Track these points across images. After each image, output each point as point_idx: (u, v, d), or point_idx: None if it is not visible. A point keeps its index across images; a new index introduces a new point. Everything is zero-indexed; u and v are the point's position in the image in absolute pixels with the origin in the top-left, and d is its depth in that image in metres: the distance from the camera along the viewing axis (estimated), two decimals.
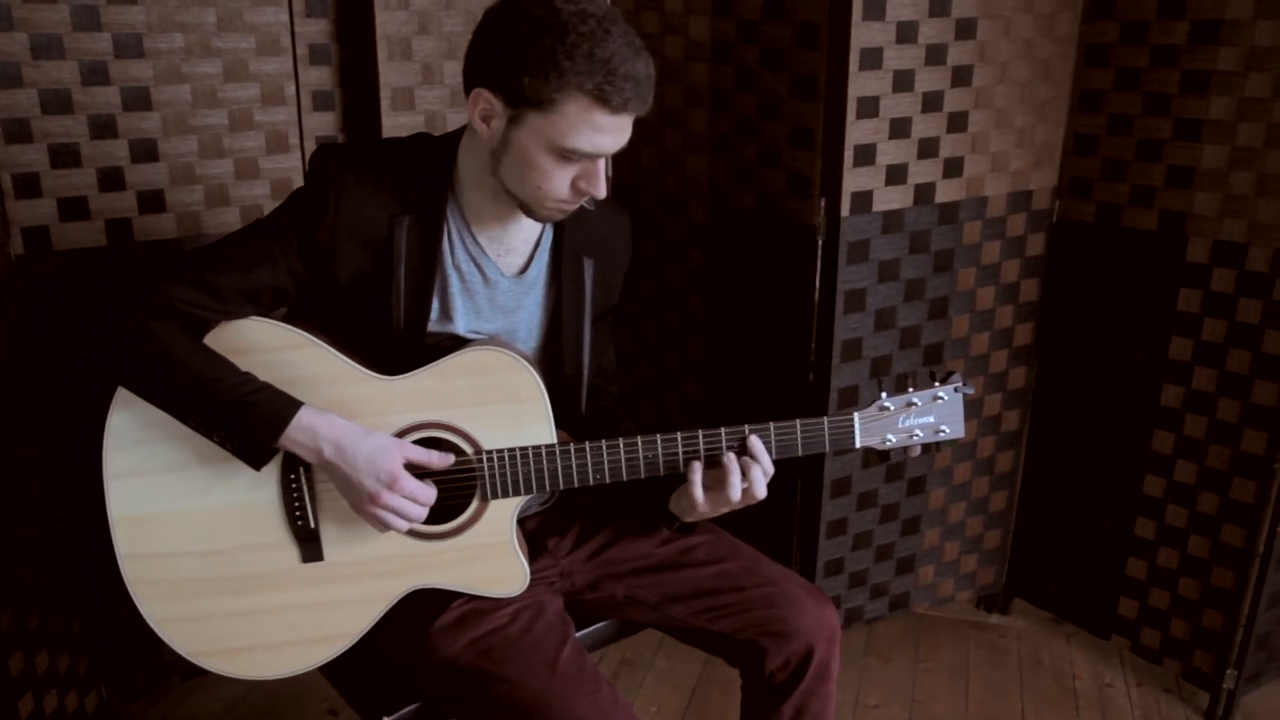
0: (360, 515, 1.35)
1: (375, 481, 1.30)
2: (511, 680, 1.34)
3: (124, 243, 1.88)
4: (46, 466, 1.88)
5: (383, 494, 1.30)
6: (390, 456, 1.31)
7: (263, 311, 1.36)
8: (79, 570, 1.94)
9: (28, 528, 1.83)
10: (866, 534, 2.35)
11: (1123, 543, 2.32)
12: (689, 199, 2.33)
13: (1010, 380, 2.38)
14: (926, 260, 2.15)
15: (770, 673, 1.51)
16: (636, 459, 1.41)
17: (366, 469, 1.30)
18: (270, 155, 1.99)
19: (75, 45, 1.75)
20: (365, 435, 1.32)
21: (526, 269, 1.50)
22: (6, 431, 1.79)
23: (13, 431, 1.80)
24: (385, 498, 1.30)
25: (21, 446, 1.83)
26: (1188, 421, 2.15)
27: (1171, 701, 2.30)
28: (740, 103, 2.15)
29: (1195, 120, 2.02)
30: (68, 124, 1.78)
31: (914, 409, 1.48)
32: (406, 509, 1.32)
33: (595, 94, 1.24)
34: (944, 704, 2.29)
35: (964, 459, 2.39)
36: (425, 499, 1.33)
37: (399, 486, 1.31)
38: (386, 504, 1.31)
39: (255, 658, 1.40)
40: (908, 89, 2.00)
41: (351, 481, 1.31)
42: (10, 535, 1.79)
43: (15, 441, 1.81)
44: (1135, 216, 2.14)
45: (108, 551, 1.36)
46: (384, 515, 1.32)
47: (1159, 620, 2.30)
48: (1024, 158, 2.19)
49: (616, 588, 1.56)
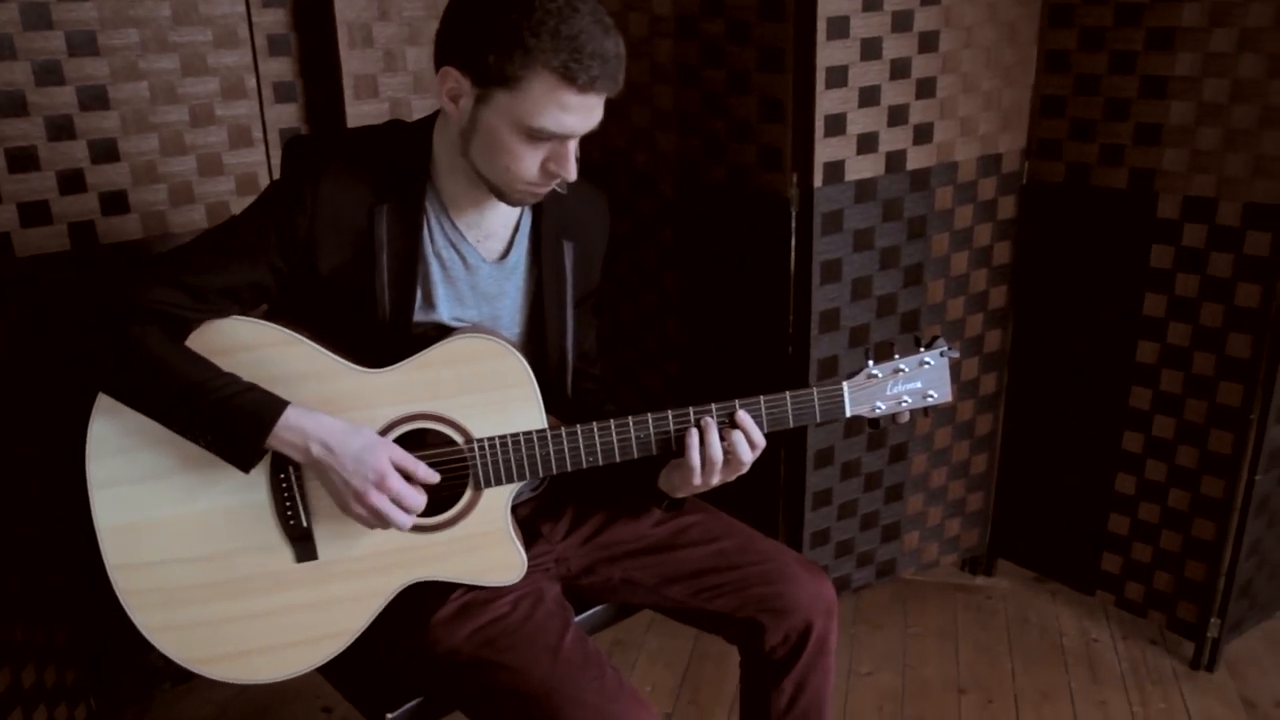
0: (347, 514, 1.33)
1: (363, 480, 1.28)
2: (516, 669, 1.33)
3: (88, 246, 1.83)
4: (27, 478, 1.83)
5: (370, 492, 1.28)
6: (378, 455, 1.29)
7: (244, 309, 1.33)
8: (64, 581, 1.91)
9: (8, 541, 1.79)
10: (851, 503, 2.36)
11: (1103, 499, 2.35)
12: (659, 176, 2.32)
13: (986, 343, 2.39)
14: (900, 228, 2.16)
15: (770, 649, 1.52)
16: (629, 439, 1.40)
17: (355, 467, 1.28)
18: (234, 150, 1.95)
19: (27, 45, 1.70)
20: (354, 433, 1.30)
21: (507, 254, 1.48)
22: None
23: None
24: (373, 496, 1.29)
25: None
26: (1164, 377, 2.17)
27: (1157, 653, 2.34)
28: (707, 77, 2.13)
29: (1161, 77, 2.03)
30: (23, 126, 1.73)
31: (901, 375, 1.48)
32: (391, 513, 1.30)
33: (561, 72, 1.22)
34: (935, 667, 2.32)
35: (944, 423, 2.41)
36: (411, 503, 1.31)
37: (387, 485, 1.29)
38: (373, 503, 1.29)
39: (254, 661, 1.38)
40: (876, 57, 2.00)
41: (339, 480, 1.29)
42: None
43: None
44: (1105, 175, 2.16)
45: (94, 561, 1.33)
46: (368, 515, 1.30)
47: (1142, 574, 2.33)
48: (992, 121, 2.19)
49: (613, 571, 1.56)
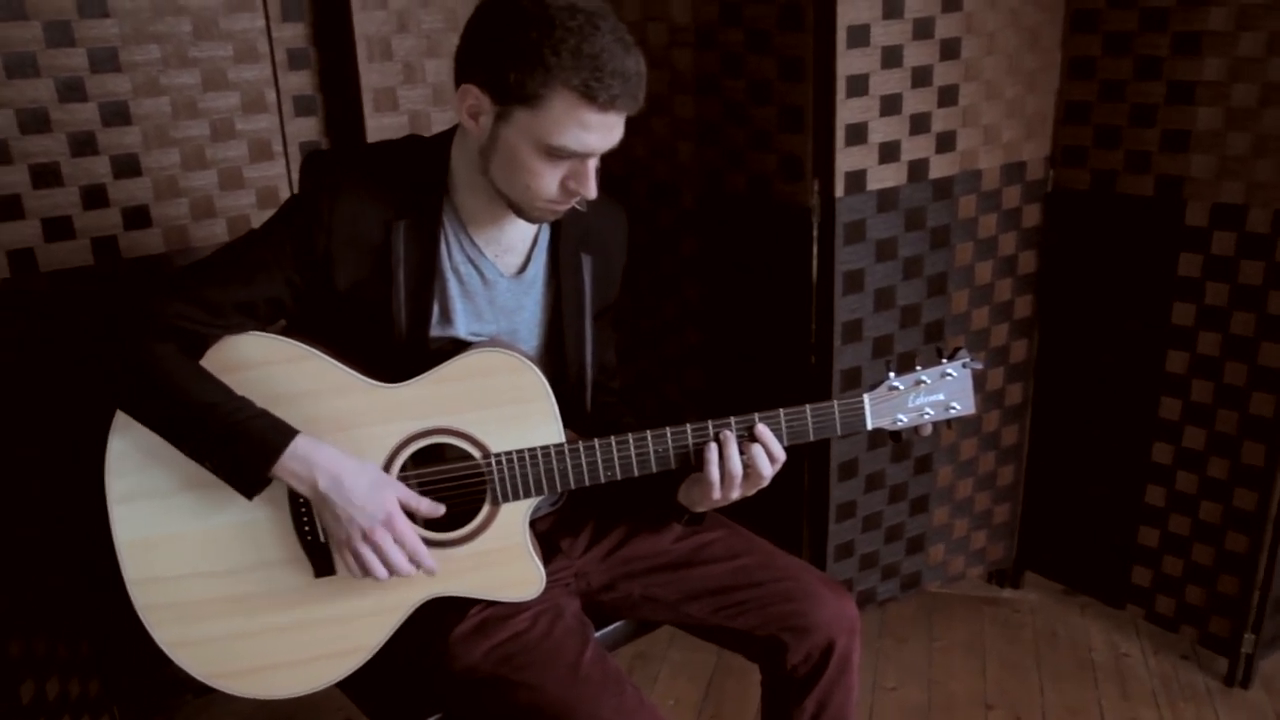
0: (341, 553, 1.32)
1: (369, 518, 1.28)
2: (535, 686, 1.32)
3: (111, 260, 1.84)
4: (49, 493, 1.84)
5: (376, 530, 1.28)
6: (386, 494, 1.29)
7: (261, 325, 1.33)
8: (87, 594, 1.91)
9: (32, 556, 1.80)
10: (876, 515, 2.33)
11: (1133, 511, 2.31)
12: (680, 186, 2.31)
13: (1012, 353, 2.36)
14: (923, 237, 2.13)
15: (792, 667, 1.50)
16: (647, 453, 1.39)
17: (362, 503, 1.28)
18: (254, 164, 1.95)
19: (50, 62, 1.71)
20: (362, 470, 1.29)
21: (525, 268, 1.47)
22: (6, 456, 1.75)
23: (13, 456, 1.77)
24: (378, 535, 1.28)
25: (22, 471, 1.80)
26: (1194, 387, 2.13)
27: (1189, 668, 2.30)
28: (727, 87, 2.12)
29: (1189, 82, 2.00)
30: (47, 143, 1.74)
31: (923, 387, 1.46)
32: (392, 555, 1.30)
33: (582, 90, 1.21)
34: (961, 682, 2.28)
35: (969, 435, 2.38)
36: (412, 549, 1.31)
37: (393, 525, 1.29)
38: (377, 542, 1.29)
39: (272, 677, 1.38)
40: (897, 65, 1.98)
41: (344, 515, 1.28)
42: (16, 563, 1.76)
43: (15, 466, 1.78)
44: (1131, 183, 2.13)
45: (115, 575, 1.33)
46: (368, 555, 1.29)
47: (1173, 587, 2.29)
48: (1016, 128, 2.17)
49: (633, 587, 1.54)
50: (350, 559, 1.31)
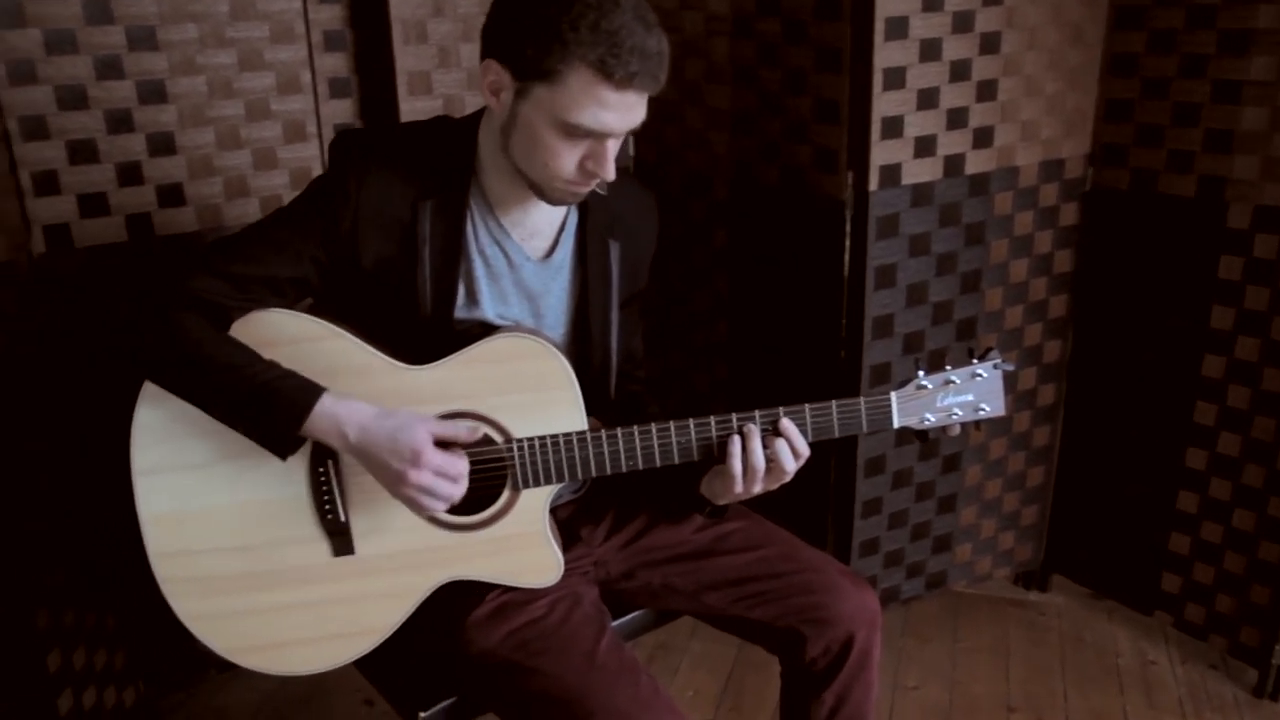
0: (397, 499, 1.31)
1: (400, 460, 1.25)
2: (549, 673, 1.32)
3: (145, 237, 1.86)
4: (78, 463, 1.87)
5: (409, 472, 1.25)
6: (413, 432, 1.26)
7: (286, 302, 1.33)
8: (113, 567, 1.94)
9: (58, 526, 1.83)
10: (902, 513, 2.31)
11: (1164, 517, 2.28)
12: (712, 177, 2.30)
13: (1045, 353, 2.33)
14: (958, 233, 2.11)
15: (810, 660, 1.48)
16: (670, 444, 1.38)
17: (390, 448, 1.26)
18: (288, 144, 1.97)
19: (88, 40, 1.73)
20: (388, 415, 1.28)
21: (552, 252, 1.47)
22: (39, 429, 1.78)
23: (45, 429, 1.79)
24: (413, 475, 1.25)
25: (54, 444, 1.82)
26: (1231, 392, 2.10)
27: (1218, 678, 2.26)
28: (763, 77, 2.11)
29: (1234, 82, 1.96)
30: (84, 119, 1.76)
31: (952, 387, 1.44)
32: (437, 486, 1.27)
33: (598, 67, 1.20)
34: (984, 684, 2.26)
35: (999, 434, 2.35)
36: (455, 472, 1.28)
37: (424, 461, 1.25)
38: (416, 482, 1.25)
39: (288, 653, 1.39)
40: (935, 58, 1.95)
41: (379, 463, 1.27)
42: (44, 534, 1.78)
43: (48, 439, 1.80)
44: (1172, 183, 2.09)
45: (141, 549, 1.35)
46: (415, 495, 1.27)
47: (1203, 595, 2.26)
48: (1055, 125, 2.13)
49: (652, 576, 1.54)
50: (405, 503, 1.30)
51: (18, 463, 1.72)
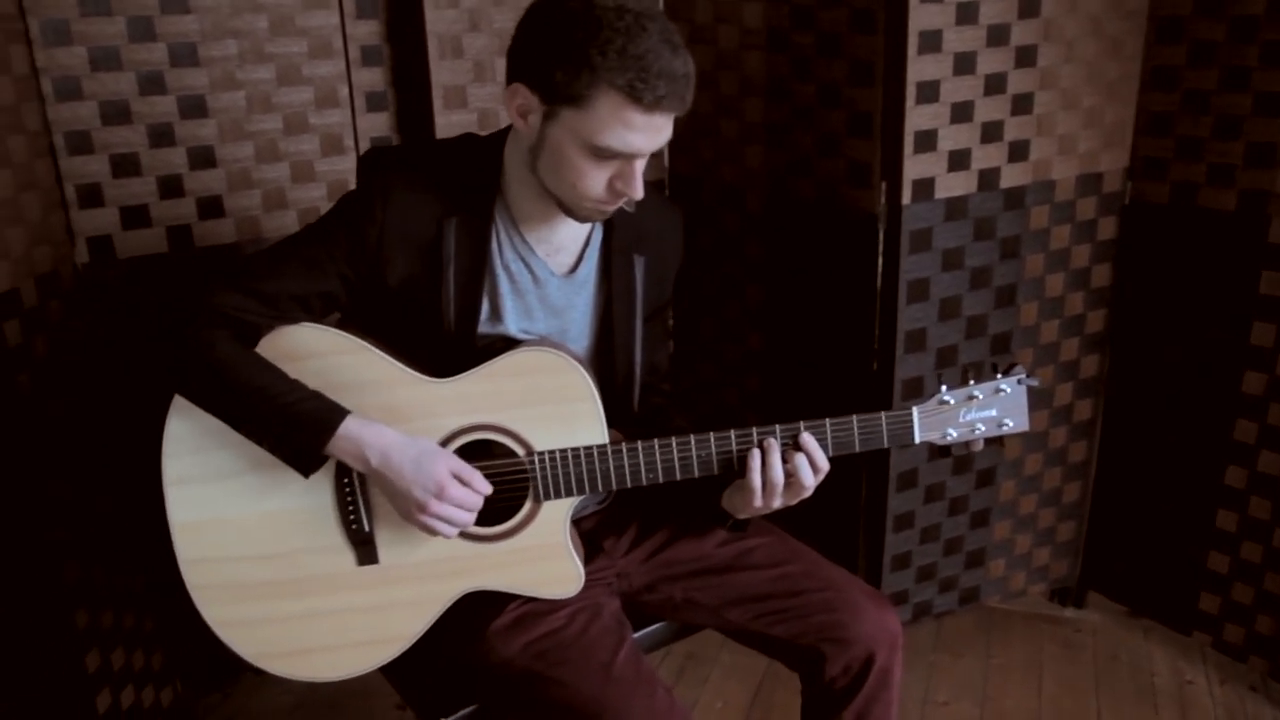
0: (409, 523, 1.35)
1: (423, 491, 1.30)
2: (567, 683, 1.34)
3: (185, 249, 1.91)
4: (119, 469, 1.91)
5: (431, 503, 1.30)
6: (436, 465, 1.31)
7: (314, 317, 1.36)
8: (150, 569, 1.98)
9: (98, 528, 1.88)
10: (934, 527, 2.30)
11: (1203, 535, 2.24)
12: (746, 190, 2.30)
13: (1082, 369, 2.30)
14: (992, 247, 2.09)
15: (830, 679, 1.48)
16: (690, 457, 1.39)
17: (414, 478, 1.30)
18: (326, 158, 2.00)
19: (132, 56, 1.78)
20: (411, 444, 1.31)
21: (576, 268, 1.48)
22: (80, 436, 1.83)
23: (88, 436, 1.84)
24: (434, 507, 1.30)
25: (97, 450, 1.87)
26: (1272, 410, 2.06)
27: (1258, 700, 2.22)
28: (797, 91, 2.11)
29: (1277, 94, 1.92)
30: (127, 134, 1.81)
31: (975, 402, 1.43)
32: (455, 516, 1.32)
33: (627, 91, 1.21)
34: (1016, 701, 2.24)
35: (1035, 450, 2.33)
36: (472, 505, 1.33)
37: (447, 495, 1.31)
38: (436, 513, 1.31)
39: (313, 660, 1.42)
40: (969, 71, 1.94)
41: (399, 490, 1.31)
42: (84, 538, 1.83)
43: (88, 443, 1.85)
44: (1213, 197, 2.05)
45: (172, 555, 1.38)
46: (433, 523, 1.32)
47: (1243, 616, 2.21)
48: (1093, 139, 2.11)
49: (674, 590, 1.55)
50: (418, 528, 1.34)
51: (61, 468, 1.77)
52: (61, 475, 1.78)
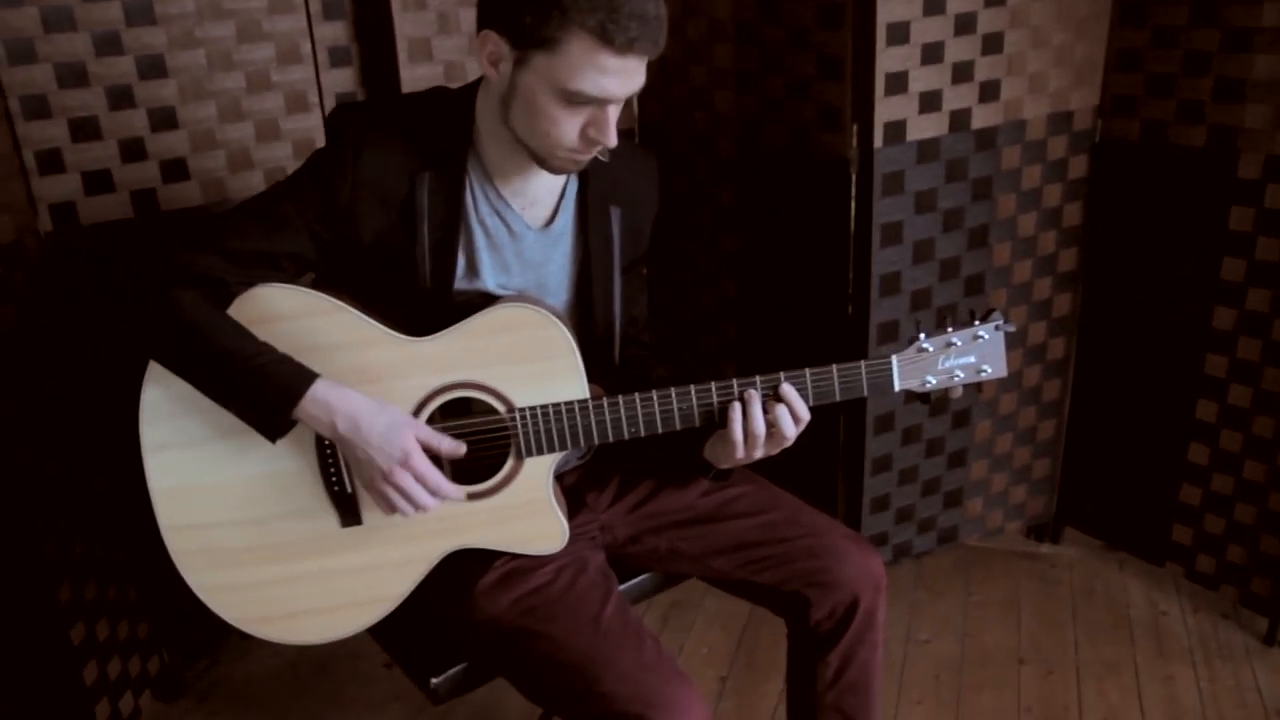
0: (370, 493, 1.34)
1: (388, 457, 1.29)
2: (556, 638, 1.34)
3: (151, 213, 1.87)
4: (92, 438, 1.89)
5: (395, 470, 1.29)
6: (404, 434, 1.29)
7: (286, 277, 1.34)
8: (132, 539, 1.97)
9: (78, 500, 1.86)
10: (912, 469, 2.32)
11: (1175, 468, 2.27)
12: (717, 136, 2.28)
13: (1055, 307, 2.32)
14: (964, 189, 2.09)
15: (816, 623, 1.50)
16: (671, 410, 1.39)
17: (380, 444, 1.29)
18: (290, 115, 1.97)
19: (86, 16, 1.73)
20: (380, 410, 1.30)
21: (552, 221, 1.47)
22: (54, 407, 1.80)
23: (58, 405, 1.82)
24: (397, 475, 1.29)
25: (69, 420, 1.85)
26: (1241, 344, 2.08)
27: (1229, 627, 2.27)
28: (766, 35, 2.08)
29: (1246, 29, 1.92)
30: (85, 97, 1.76)
31: (954, 349, 1.43)
32: (414, 491, 1.30)
33: (598, 32, 1.19)
34: (996, 636, 2.28)
35: (1010, 389, 2.35)
36: (434, 484, 1.31)
37: (411, 464, 1.29)
38: (397, 481, 1.29)
39: (300, 623, 1.41)
40: (939, 11, 1.93)
41: (364, 457, 1.30)
42: (63, 509, 1.81)
43: (60, 415, 1.82)
44: (1182, 133, 2.06)
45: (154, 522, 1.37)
46: (391, 494, 1.31)
47: (1214, 546, 2.26)
48: (1063, 77, 2.10)
49: (658, 541, 1.55)
50: (377, 498, 1.33)
51: (34, 440, 1.75)
52: (34, 447, 1.76)
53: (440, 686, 1.44)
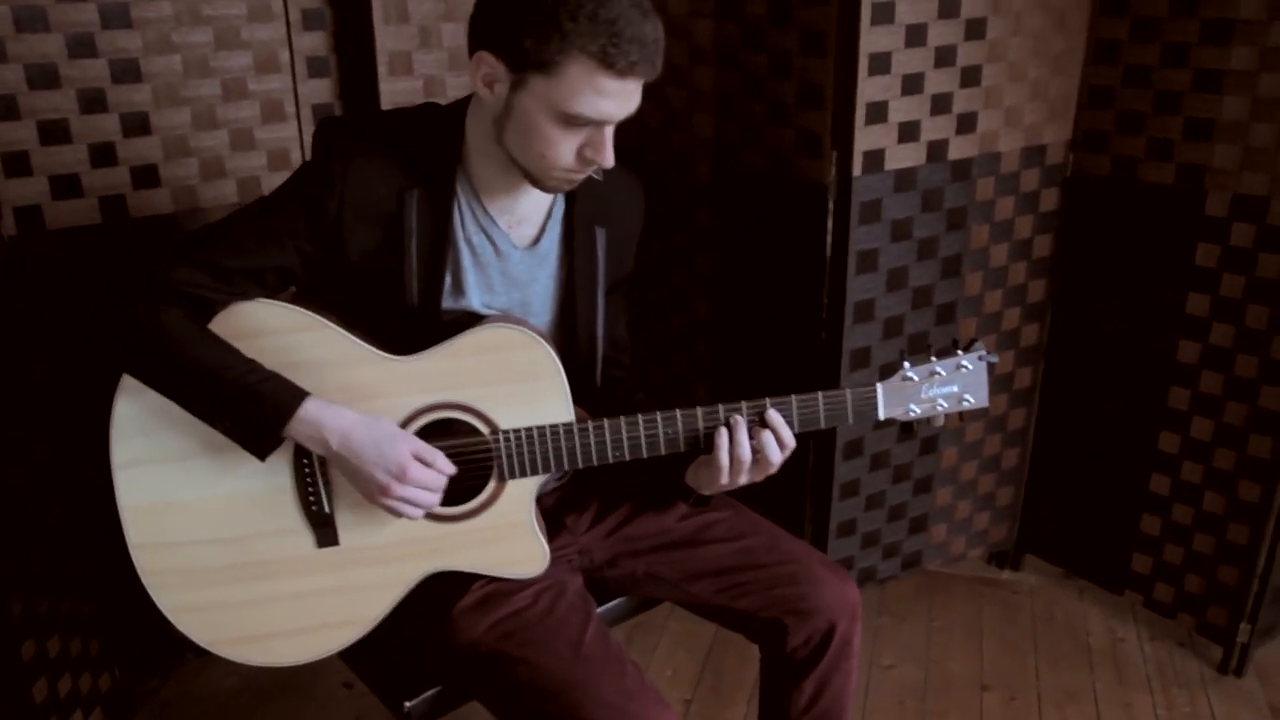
0: (373, 505, 1.32)
1: (385, 474, 1.27)
2: (535, 663, 1.32)
3: (119, 219, 1.83)
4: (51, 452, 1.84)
5: (393, 485, 1.27)
6: (398, 447, 1.28)
7: (269, 293, 1.31)
8: (87, 555, 1.92)
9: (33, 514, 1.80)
10: (879, 494, 2.33)
11: (1137, 499, 2.31)
12: (695, 159, 2.28)
13: (1023, 337, 2.35)
14: (939, 218, 2.11)
15: (792, 650, 1.50)
16: (656, 436, 1.38)
17: (375, 459, 1.27)
18: (266, 125, 1.93)
19: (60, 17, 1.69)
20: (372, 425, 1.28)
21: (539, 240, 1.45)
22: (9, 417, 1.75)
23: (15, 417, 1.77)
24: (396, 489, 1.28)
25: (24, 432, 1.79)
26: (1204, 378, 2.12)
27: (1185, 655, 2.30)
28: (748, 60, 2.09)
29: (1216, 71, 1.97)
30: (56, 99, 1.72)
31: (937, 378, 1.44)
32: (419, 497, 1.30)
33: (599, 56, 1.19)
34: (958, 662, 2.29)
35: (976, 417, 2.37)
36: (436, 486, 1.31)
37: (409, 477, 1.28)
38: (399, 495, 1.28)
39: (273, 645, 1.38)
40: (920, 44, 1.95)
41: (361, 473, 1.28)
42: (17, 523, 1.76)
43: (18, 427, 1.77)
44: (1152, 170, 2.10)
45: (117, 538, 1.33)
46: (397, 505, 1.29)
47: (1172, 575, 2.30)
48: (1038, 111, 2.14)
49: (636, 565, 1.54)
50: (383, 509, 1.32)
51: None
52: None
53: (414, 710, 1.41)
